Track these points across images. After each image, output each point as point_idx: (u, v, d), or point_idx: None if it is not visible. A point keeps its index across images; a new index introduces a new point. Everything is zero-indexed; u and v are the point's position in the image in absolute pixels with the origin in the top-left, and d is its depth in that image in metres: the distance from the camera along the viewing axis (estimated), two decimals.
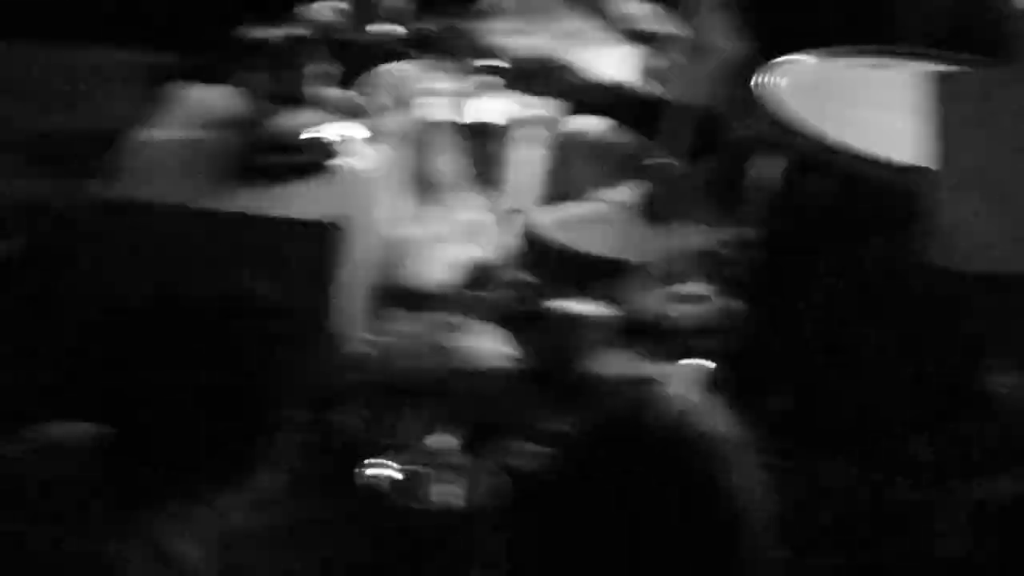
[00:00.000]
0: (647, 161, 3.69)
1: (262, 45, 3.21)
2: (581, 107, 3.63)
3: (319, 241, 2.83)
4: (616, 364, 2.96)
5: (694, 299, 3.03)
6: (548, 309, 3.02)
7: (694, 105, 3.58)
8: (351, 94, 3.34)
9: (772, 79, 2.46)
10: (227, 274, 2.73)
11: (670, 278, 3.09)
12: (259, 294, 2.10)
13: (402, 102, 3.52)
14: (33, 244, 3.12)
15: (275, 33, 3.22)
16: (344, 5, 3.44)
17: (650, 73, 4.07)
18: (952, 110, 2.15)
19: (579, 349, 2.95)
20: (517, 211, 3.39)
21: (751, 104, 2.44)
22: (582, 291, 3.10)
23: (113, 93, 4.02)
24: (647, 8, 3.95)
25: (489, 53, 3.91)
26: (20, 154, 3.68)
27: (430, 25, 3.87)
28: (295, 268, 2.82)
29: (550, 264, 3.21)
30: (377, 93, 3.43)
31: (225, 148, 3.05)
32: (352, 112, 3.22)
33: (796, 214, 2.38)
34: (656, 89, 3.92)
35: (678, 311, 3.03)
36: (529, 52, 3.97)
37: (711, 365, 2.54)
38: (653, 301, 3.04)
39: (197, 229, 2.86)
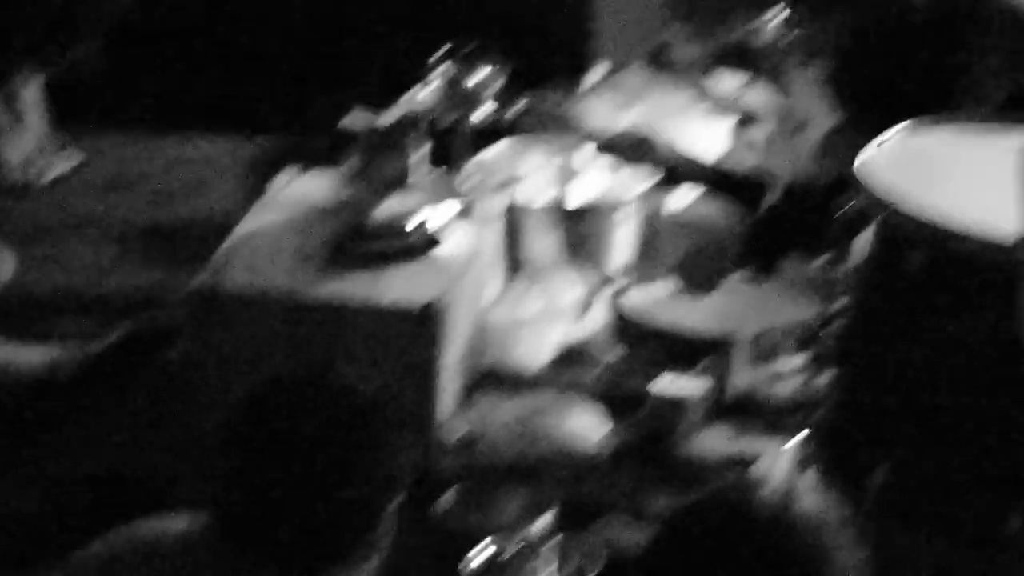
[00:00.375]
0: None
1: (362, 131, 3.25)
2: (676, 180, 3.65)
3: (418, 326, 2.86)
4: (715, 442, 2.95)
5: (791, 374, 3.02)
6: (646, 388, 3.02)
7: (792, 178, 3.59)
8: (449, 177, 3.38)
9: (870, 152, 2.46)
10: (328, 362, 2.79)
11: (767, 353, 3.08)
12: (357, 382, 2.12)
13: (498, 183, 3.55)
14: (137, 334, 3.17)
15: (374, 119, 3.27)
16: (441, 89, 3.47)
17: (747, 147, 4.08)
18: None
19: (677, 427, 2.94)
20: (613, 289, 3.40)
21: (849, 178, 2.44)
22: (679, 369, 3.10)
23: (216, 183, 4.09)
24: (744, 82, 3.96)
25: (585, 131, 3.94)
26: (124, 246, 3.75)
27: (526, 105, 3.90)
28: (394, 353, 2.85)
29: (647, 342, 3.22)
30: (474, 175, 3.47)
31: (327, 235, 3.09)
32: (450, 195, 3.26)
33: (893, 288, 2.37)
34: (753, 162, 3.93)
35: (775, 387, 3.03)
36: (625, 128, 3.99)
37: (808, 441, 2.53)
38: (750, 377, 3.04)
39: (300, 318, 2.89)
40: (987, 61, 2.89)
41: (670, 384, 2.98)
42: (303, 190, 3.31)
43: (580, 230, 3.41)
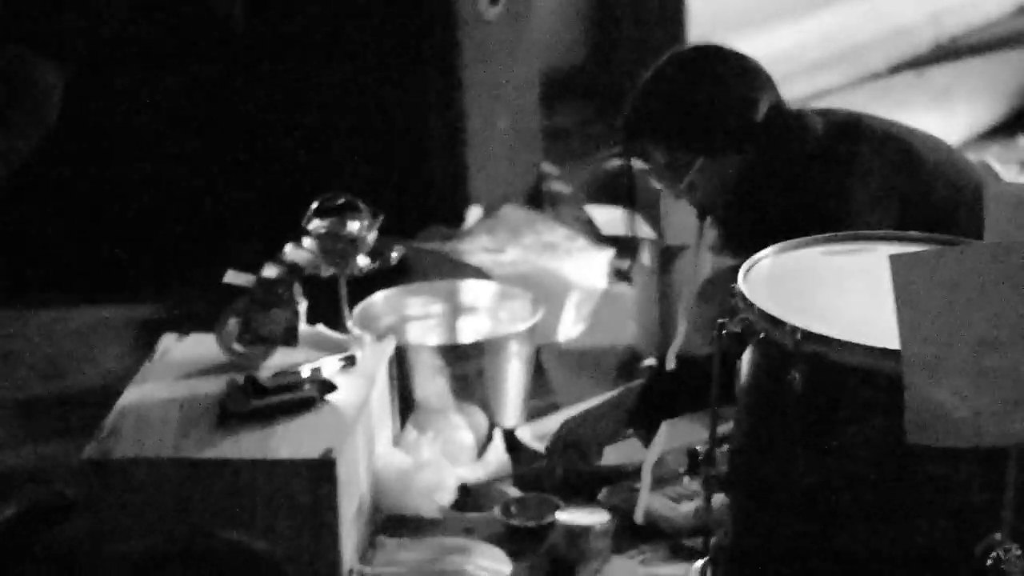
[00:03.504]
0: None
1: (243, 289, 3.26)
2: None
3: (316, 476, 2.85)
4: (620, 571, 2.97)
5: (687, 498, 3.05)
6: (548, 521, 3.04)
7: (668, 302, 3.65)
8: (335, 327, 3.39)
9: (744, 274, 2.50)
10: (224, 524, 2.78)
11: (663, 480, 3.11)
12: (257, 537, 2.12)
13: (384, 329, 3.58)
14: (31, 508, 3.13)
15: (255, 276, 3.27)
16: (317, 243, 3.50)
17: (622, 275, 4.15)
18: (917, 291, 2.19)
19: (582, 559, 2.95)
20: (505, 427, 3.42)
21: (728, 300, 2.48)
22: (581, 499, 3.12)
23: (100, 351, 4.07)
24: (619, 213, 4.02)
25: (467, 272, 3.98)
26: (11, 421, 3.72)
27: (405, 251, 3.93)
28: (294, 506, 2.84)
29: (543, 477, 3.23)
30: (358, 324, 3.48)
31: (215, 394, 3.09)
32: (335, 346, 3.27)
33: (777, 406, 2.40)
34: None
35: (673, 511, 3.05)
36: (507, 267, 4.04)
37: (708, 564, 2.55)
38: (648, 503, 3.05)
39: (194, 479, 2.88)
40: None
41: (572, 516, 2.99)
42: (188, 352, 3.30)
43: (470, 368, 3.44)
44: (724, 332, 2.44)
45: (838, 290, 2.50)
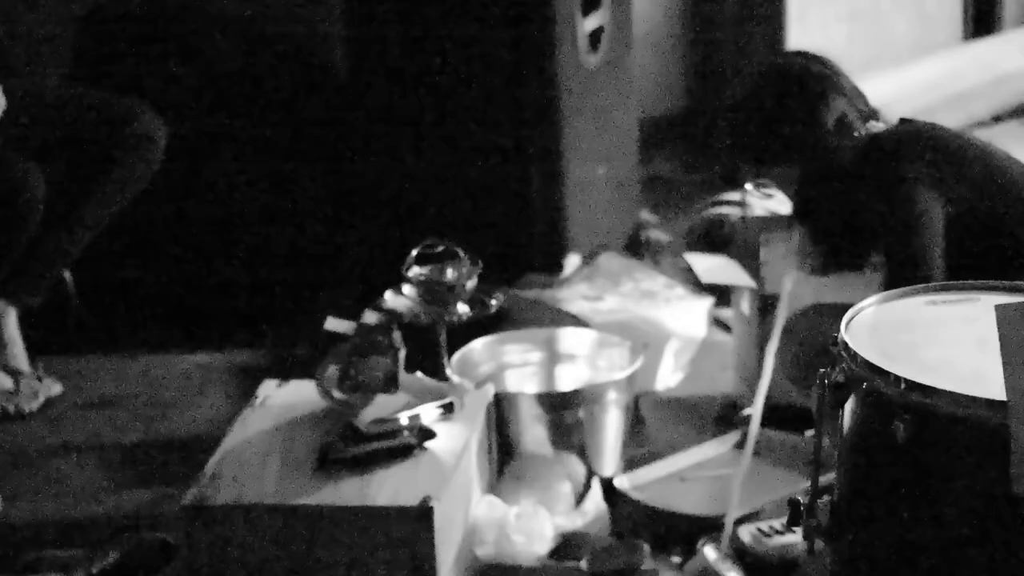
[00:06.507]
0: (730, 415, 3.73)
1: (343, 336, 3.27)
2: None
3: (414, 524, 2.85)
4: None
5: (784, 550, 3.02)
6: (641, 570, 3.02)
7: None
8: (433, 374, 3.40)
9: (847, 322, 2.48)
10: (322, 570, 2.78)
11: (755, 514, 3.09)
12: None
13: (482, 377, 3.57)
14: (132, 554, 3.15)
15: (355, 323, 3.29)
16: (417, 290, 3.51)
17: (721, 325, 4.13)
18: (1021, 340, 2.16)
19: None
20: (604, 476, 3.40)
21: (829, 350, 2.46)
22: (673, 550, 3.10)
23: (200, 397, 4.10)
24: (718, 262, 4.01)
25: (566, 320, 3.97)
26: (112, 467, 3.75)
27: (505, 298, 3.94)
28: (390, 555, 2.84)
29: (640, 526, 3.21)
30: (457, 371, 3.49)
31: (316, 440, 3.10)
32: (434, 393, 3.27)
33: (881, 457, 2.38)
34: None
35: (760, 544, 3.02)
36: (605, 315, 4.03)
37: None
38: (739, 534, 3.03)
39: (294, 525, 2.89)
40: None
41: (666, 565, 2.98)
42: (288, 398, 3.32)
43: (568, 416, 3.42)
44: (826, 381, 2.42)
45: (942, 340, 2.47)
